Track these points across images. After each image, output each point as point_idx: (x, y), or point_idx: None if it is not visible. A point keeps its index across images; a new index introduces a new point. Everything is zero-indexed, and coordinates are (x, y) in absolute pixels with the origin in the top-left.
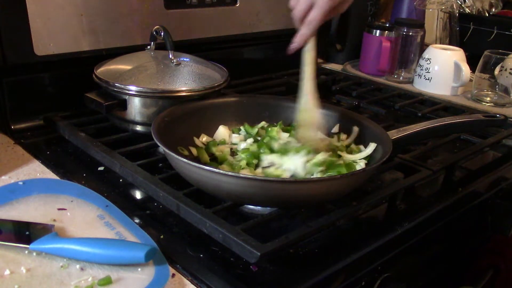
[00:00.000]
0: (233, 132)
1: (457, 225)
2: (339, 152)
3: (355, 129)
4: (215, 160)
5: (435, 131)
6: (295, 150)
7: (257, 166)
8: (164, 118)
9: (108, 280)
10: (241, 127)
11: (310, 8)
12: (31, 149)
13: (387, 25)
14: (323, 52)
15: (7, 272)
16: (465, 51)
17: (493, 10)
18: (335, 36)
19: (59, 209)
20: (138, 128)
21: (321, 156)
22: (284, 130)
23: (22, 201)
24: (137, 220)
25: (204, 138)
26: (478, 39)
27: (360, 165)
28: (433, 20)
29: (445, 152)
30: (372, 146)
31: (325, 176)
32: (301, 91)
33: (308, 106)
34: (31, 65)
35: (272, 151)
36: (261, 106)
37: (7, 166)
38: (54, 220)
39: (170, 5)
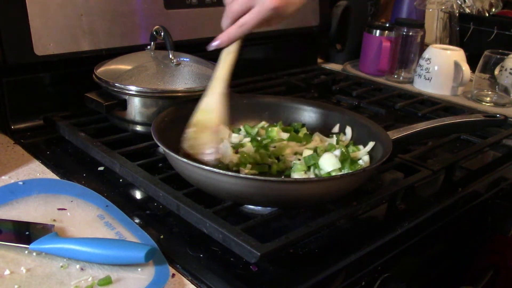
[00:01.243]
0: (233, 132)
1: (457, 225)
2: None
3: (348, 129)
4: None
5: (435, 131)
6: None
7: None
8: (164, 118)
9: (108, 280)
10: (241, 127)
11: (246, 10)
12: (31, 149)
13: (387, 25)
14: (323, 52)
15: (7, 272)
16: (465, 51)
17: (493, 10)
18: (335, 36)
19: (59, 209)
20: (138, 128)
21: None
22: (284, 130)
23: (22, 201)
24: (137, 220)
25: None
26: (478, 39)
27: (364, 159)
28: (433, 20)
29: (445, 152)
30: (370, 145)
31: (325, 176)
32: (207, 90)
33: (210, 107)
34: (31, 65)
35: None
36: (261, 106)
37: (7, 166)
38: (54, 220)
39: (170, 5)
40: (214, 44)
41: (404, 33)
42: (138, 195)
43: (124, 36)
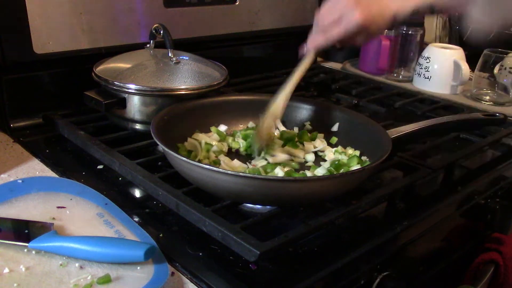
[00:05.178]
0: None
1: (457, 223)
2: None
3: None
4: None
5: (435, 130)
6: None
7: None
8: (164, 117)
9: (107, 279)
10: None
11: (335, 22)
12: (30, 147)
13: None
14: (323, 51)
15: (6, 270)
16: (464, 50)
17: None
18: None
19: (58, 207)
20: (138, 126)
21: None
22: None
23: (21, 199)
24: (136, 219)
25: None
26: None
27: (308, 158)
28: (433, 19)
29: (445, 151)
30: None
31: (324, 175)
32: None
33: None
34: (30, 63)
35: None
36: (261, 105)
37: (6, 165)
38: (53, 218)
39: (169, 3)
40: (304, 48)
41: (404, 32)
42: (137, 193)
43: (124, 34)
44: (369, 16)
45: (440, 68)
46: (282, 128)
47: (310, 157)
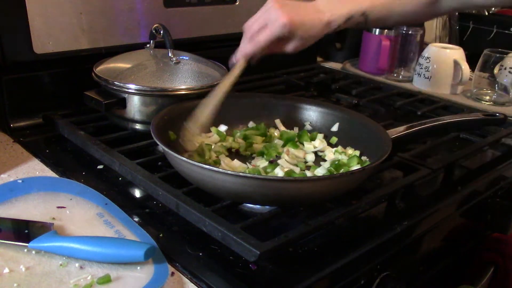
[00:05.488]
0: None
1: (457, 223)
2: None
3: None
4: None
5: (435, 130)
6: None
7: None
8: (164, 117)
9: (107, 279)
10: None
11: (262, 28)
12: (30, 148)
13: None
14: (323, 51)
15: (6, 270)
16: (464, 50)
17: (493, 9)
18: (335, 35)
19: (58, 207)
20: (138, 126)
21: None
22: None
23: (21, 199)
24: (136, 219)
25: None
26: (477, 38)
27: (308, 158)
28: (433, 19)
29: (445, 151)
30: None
31: (324, 175)
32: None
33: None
34: (30, 64)
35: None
36: (260, 105)
37: (6, 165)
38: (53, 218)
39: (169, 3)
40: (232, 60)
41: (404, 32)
42: (137, 193)
43: (124, 34)
44: (295, 19)
45: (440, 68)
46: (282, 128)
47: (310, 157)
